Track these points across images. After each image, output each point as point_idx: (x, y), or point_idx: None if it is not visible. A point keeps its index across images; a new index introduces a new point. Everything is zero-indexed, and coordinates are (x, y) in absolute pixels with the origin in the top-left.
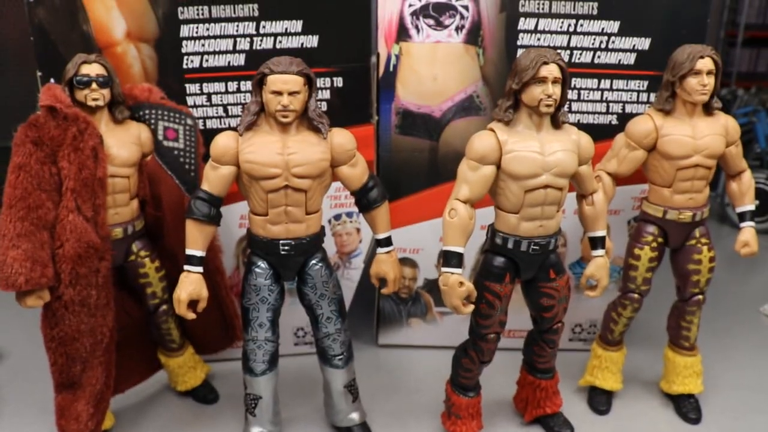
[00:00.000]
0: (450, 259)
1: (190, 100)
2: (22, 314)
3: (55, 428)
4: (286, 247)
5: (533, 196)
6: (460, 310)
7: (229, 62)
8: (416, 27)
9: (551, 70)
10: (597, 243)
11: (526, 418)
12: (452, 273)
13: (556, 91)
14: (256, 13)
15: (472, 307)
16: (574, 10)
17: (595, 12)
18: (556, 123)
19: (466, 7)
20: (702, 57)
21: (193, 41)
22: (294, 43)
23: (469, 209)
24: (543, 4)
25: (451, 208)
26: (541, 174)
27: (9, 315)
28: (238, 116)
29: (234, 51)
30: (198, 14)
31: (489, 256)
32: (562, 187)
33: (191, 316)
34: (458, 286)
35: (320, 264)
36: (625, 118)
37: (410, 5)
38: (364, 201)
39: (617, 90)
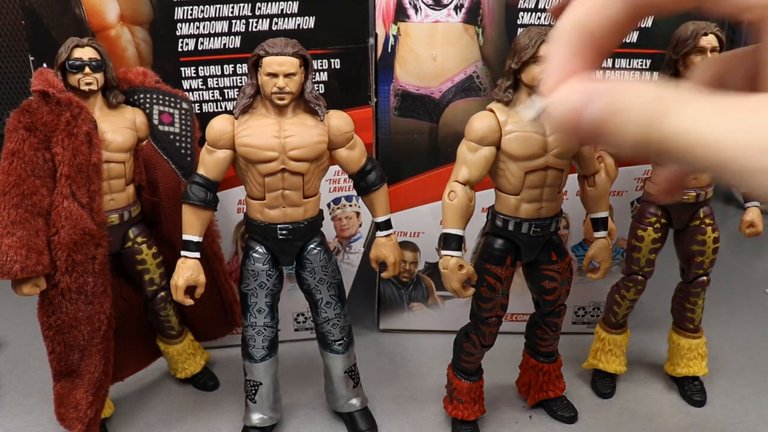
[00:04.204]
0: (450, 242)
1: (185, 84)
2: (22, 303)
3: (54, 417)
4: (284, 232)
5: (534, 178)
6: (460, 294)
7: (224, 45)
8: (414, 7)
9: None
10: (599, 224)
11: (528, 402)
12: (452, 256)
13: None
14: None
15: (472, 290)
16: None
17: None
18: None
19: None
20: (706, 34)
21: (187, 24)
22: (290, 24)
23: (468, 191)
24: None
25: (450, 191)
26: (542, 155)
27: (8, 304)
28: (234, 99)
29: (229, 33)
30: None
31: (489, 238)
32: (563, 168)
33: (189, 302)
34: (458, 269)
35: (319, 248)
36: None
37: None
38: (362, 184)
39: (619, 69)
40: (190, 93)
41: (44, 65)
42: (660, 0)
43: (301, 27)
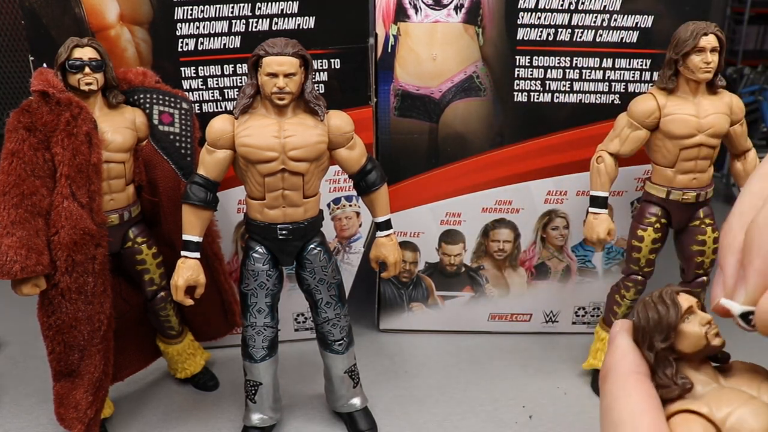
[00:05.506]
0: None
1: (185, 84)
2: (21, 303)
3: (54, 417)
4: (284, 232)
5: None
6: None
7: (224, 45)
8: (414, 6)
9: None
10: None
11: None
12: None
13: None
14: None
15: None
16: None
17: None
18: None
19: None
20: (705, 34)
21: (187, 23)
22: (290, 24)
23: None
24: None
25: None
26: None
27: (8, 304)
28: (234, 99)
29: (229, 33)
30: None
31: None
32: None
33: (189, 302)
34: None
35: (319, 248)
36: (627, 97)
37: None
38: (362, 184)
39: (619, 69)
40: (190, 93)
41: (44, 65)
42: None
43: (301, 27)
